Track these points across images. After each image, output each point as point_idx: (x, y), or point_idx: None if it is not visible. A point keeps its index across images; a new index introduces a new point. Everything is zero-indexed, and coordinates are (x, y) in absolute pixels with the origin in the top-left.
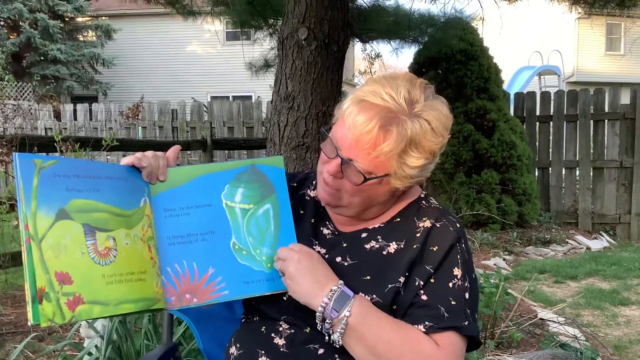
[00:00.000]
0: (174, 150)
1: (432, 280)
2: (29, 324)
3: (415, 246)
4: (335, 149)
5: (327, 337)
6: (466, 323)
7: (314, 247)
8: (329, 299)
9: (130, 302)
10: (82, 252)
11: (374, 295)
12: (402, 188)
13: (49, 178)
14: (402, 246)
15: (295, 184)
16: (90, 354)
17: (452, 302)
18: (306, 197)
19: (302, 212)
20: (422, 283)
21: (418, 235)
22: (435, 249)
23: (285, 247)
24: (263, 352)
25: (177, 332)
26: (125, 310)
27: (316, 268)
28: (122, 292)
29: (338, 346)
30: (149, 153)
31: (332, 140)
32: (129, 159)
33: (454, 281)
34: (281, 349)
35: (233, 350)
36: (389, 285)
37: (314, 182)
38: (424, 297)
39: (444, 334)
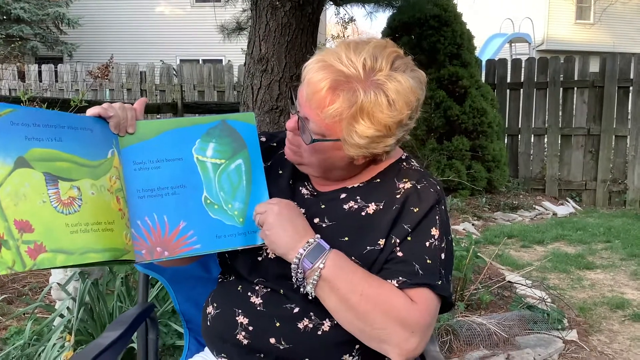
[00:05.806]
0: (141, 102)
1: (408, 238)
2: None
3: (395, 207)
4: (296, 105)
5: (301, 289)
6: (439, 282)
7: None
8: (304, 249)
9: (97, 252)
10: (44, 200)
11: (352, 257)
12: (356, 157)
13: (6, 126)
14: (381, 207)
15: (274, 144)
16: (62, 315)
17: (428, 261)
18: (285, 157)
19: (280, 172)
20: (398, 240)
21: (398, 196)
22: (415, 210)
23: (264, 202)
24: (240, 311)
25: (150, 295)
26: (92, 260)
27: (295, 220)
28: (88, 242)
29: (311, 297)
30: (117, 104)
31: (295, 96)
32: (95, 109)
33: (430, 240)
34: (258, 308)
35: (210, 309)
36: (368, 247)
37: None
38: (400, 254)
39: (417, 289)
